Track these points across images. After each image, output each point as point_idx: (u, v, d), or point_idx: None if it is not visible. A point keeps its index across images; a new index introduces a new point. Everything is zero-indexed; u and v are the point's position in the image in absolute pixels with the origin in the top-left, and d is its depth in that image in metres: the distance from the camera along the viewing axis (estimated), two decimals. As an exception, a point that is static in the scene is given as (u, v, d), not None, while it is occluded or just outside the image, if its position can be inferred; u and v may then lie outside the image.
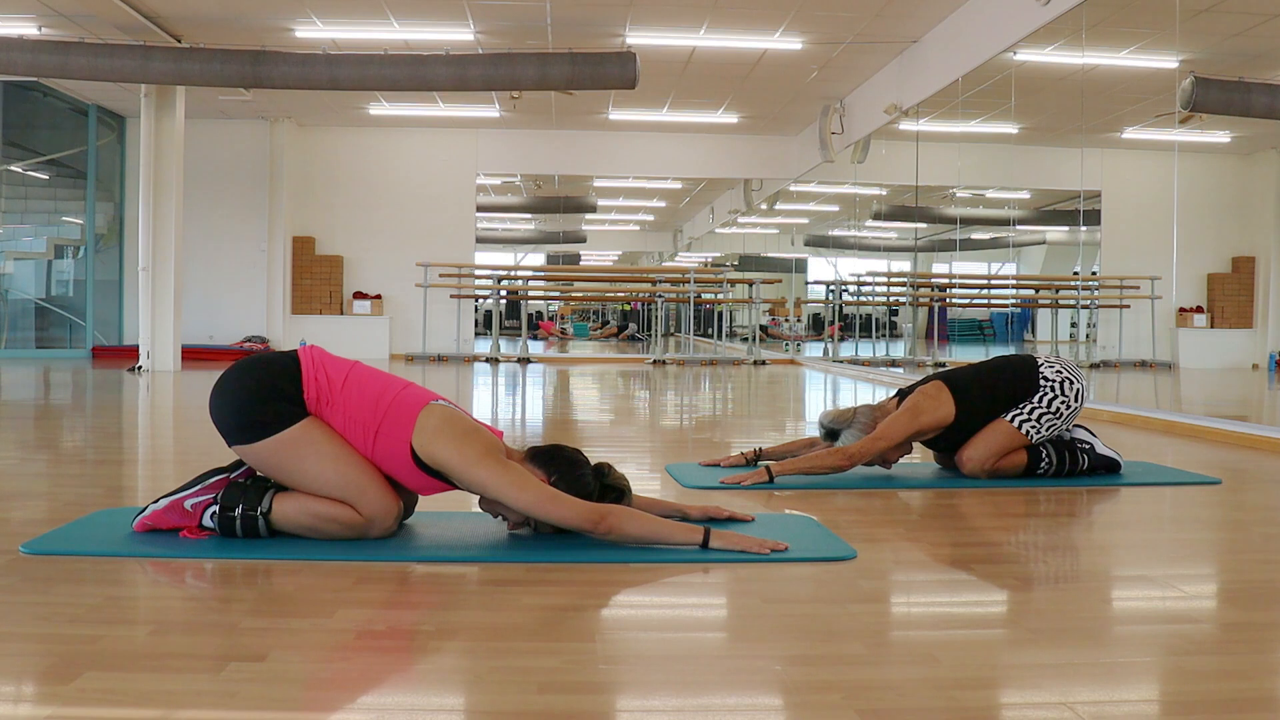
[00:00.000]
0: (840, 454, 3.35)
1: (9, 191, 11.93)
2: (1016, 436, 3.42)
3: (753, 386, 8.59)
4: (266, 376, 2.33)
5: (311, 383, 2.33)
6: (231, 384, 2.35)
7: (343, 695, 1.50)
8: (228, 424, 2.32)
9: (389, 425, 2.31)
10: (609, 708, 1.46)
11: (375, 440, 2.32)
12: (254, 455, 2.32)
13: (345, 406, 2.33)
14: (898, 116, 9.35)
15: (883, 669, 1.63)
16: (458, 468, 2.28)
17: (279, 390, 2.31)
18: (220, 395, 2.35)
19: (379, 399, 2.34)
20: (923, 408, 3.40)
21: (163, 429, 5.34)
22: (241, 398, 2.32)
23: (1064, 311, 10.39)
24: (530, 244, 17.47)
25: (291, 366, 2.35)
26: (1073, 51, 7.65)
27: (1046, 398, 3.43)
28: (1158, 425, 5.38)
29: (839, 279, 13.95)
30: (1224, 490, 3.47)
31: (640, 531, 2.31)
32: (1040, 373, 3.45)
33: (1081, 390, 3.47)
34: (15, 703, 1.43)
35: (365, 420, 2.32)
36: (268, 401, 2.29)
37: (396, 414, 2.32)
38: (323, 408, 2.33)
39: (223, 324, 12.18)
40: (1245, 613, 2.01)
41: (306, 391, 2.32)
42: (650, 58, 8.96)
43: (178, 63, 8.31)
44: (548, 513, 2.28)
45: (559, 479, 2.37)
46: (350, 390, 2.34)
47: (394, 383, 2.39)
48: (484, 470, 2.27)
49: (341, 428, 2.33)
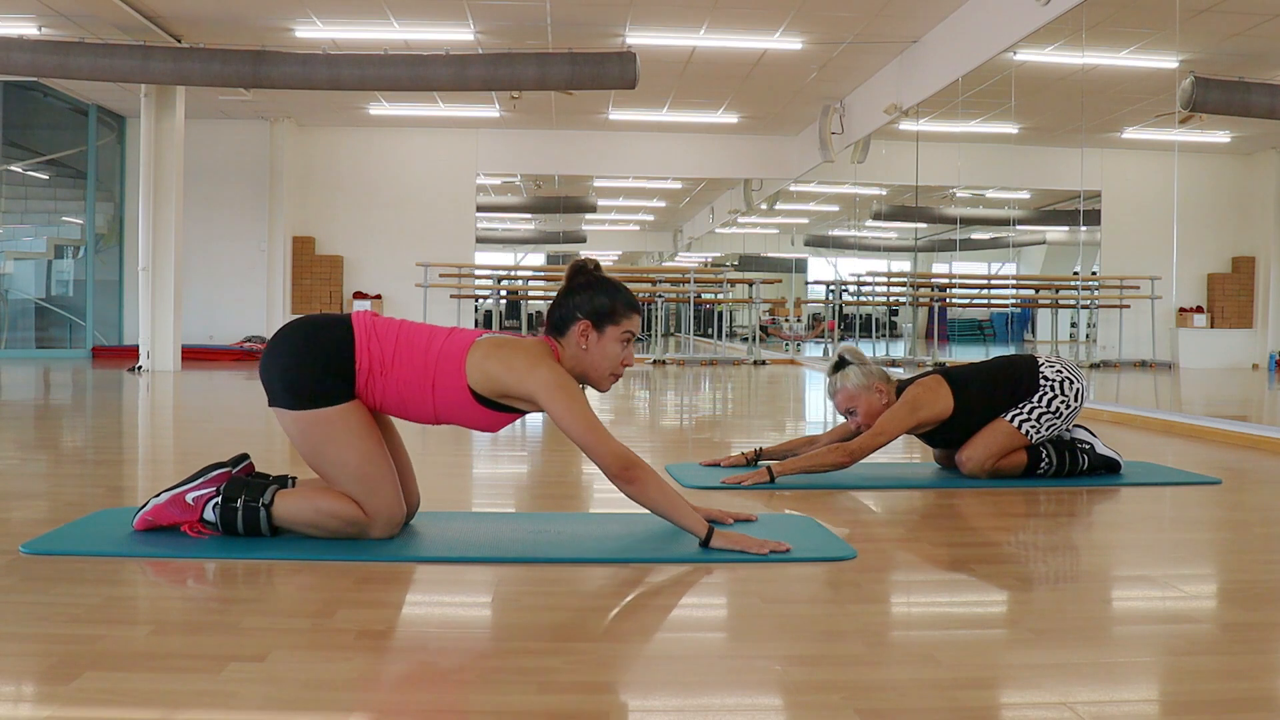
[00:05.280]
0: (841, 451, 3.35)
1: (9, 191, 11.93)
2: (1016, 436, 3.42)
3: (753, 386, 8.59)
4: (320, 347, 2.32)
5: (364, 352, 2.32)
6: (285, 347, 2.34)
7: (343, 695, 1.50)
8: (273, 385, 2.32)
9: (443, 374, 2.32)
10: (609, 708, 1.46)
11: (434, 393, 2.33)
12: (289, 421, 2.32)
13: (399, 370, 2.32)
14: (898, 116, 9.35)
15: (883, 669, 1.63)
16: (513, 384, 2.30)
17: (330, 365, 2.30)
18: (272, 356, 2.34)
19: (427, 352, 2.34)
20: (921, 401, 3.40)
21: (163, 429, 5.34)
22: (292, 363, 2.31)
23: (1064, 311, 10.39)
24: (530, 244, 17.46)
25: (345, 337, 2.33)
26: (1073, 51, 7.65)
27: (1046, 397, 3.43)
28: (1158, 425, 5.38)
29: (839, 279, 13.95)
30: (1224, 490, 3.47)
31: (659, 496, 2.32)
32: (1041, 373, 3.45)
33: (1081, 390, 3.47)
34: (15, 703, 1.43)
35: (420, 377, 2.32)
36: (317, 374, 2.29)
37: (447, 362, 2.32)
38: (374, 377, 2.32)
39: (223, 324, 12.17)
40: (1245, 613, 2.01)
41: (359, 361, 2.31)
42: (650, 58, 8.96)
43: (178, 63, 8.31)
44: (585, 442, 2.30)
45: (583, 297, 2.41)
46: (402, 351, 2.34)
47: (438, 332, 2.39)
48: (535, 380, 2.29)
49: (399, 391, 2.33)
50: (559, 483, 3.59)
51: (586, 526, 2.62)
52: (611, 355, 2.43)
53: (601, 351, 2.42)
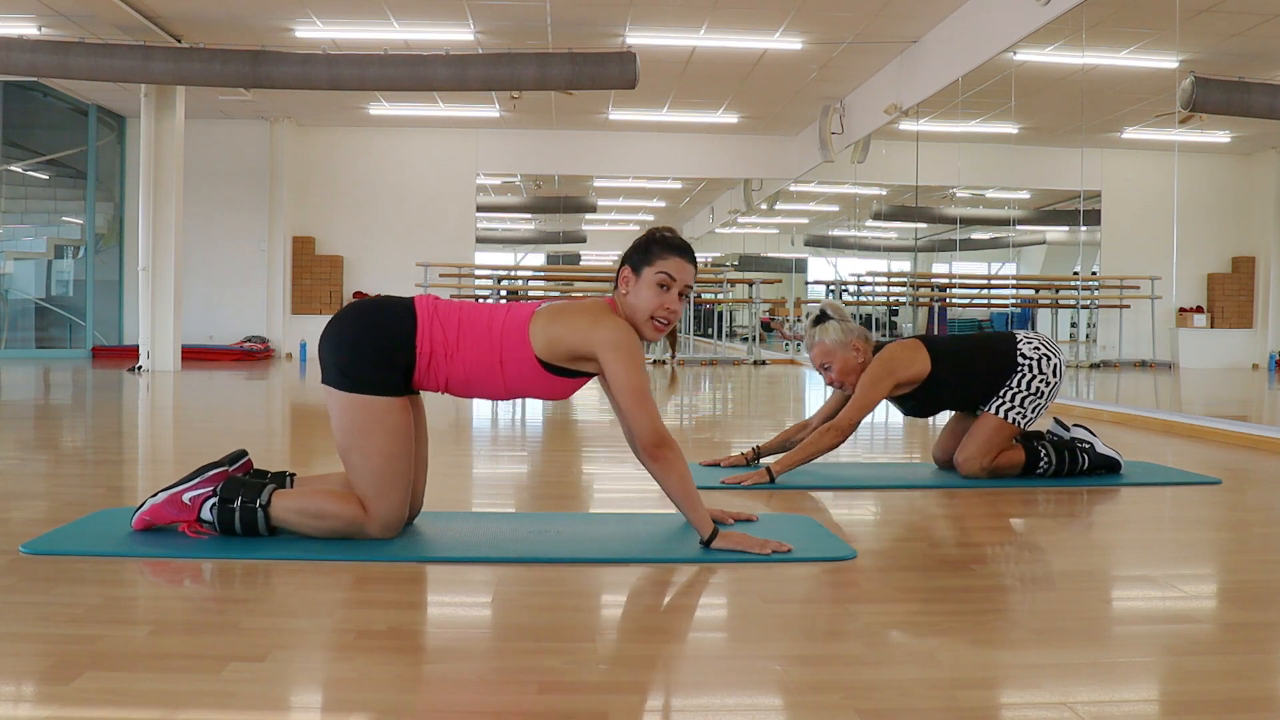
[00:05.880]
0: (833, 431, 3.34)
1: (9, 191, 11.93)
2: (1005, 428, 3.40)
3: (753, 386, 8.59)
4: (381, 332, 2.33)
5: (426, 338, 2.33)
6: (347, 327, 2.36)
7: (343, 695, 1.50)
8: (327, 363, 2.34)
9: (509, 349, 2.34)
10: (609, 708, 1.46)
11: (503, 369, 2.34)
12: (335, 399, 2.33)
13: (465, 351, 2.34)
14: (898, 116, 9.35)
15: (883, 669, 1.63)
16: (579, 343, 2.32)
17: (388, 353, 2.31)
18: (334, 335, 2.36)
19: (490, 330, 2.35)
20: (899, 360, 3.38)
21: (163, 429, 5.34)
22: (350, 345, 2.32)
23: (1064, 311, 10.39)
24: (530, 244, 17.47)
25: (408, 324, 2.34)
26: (1073, 51, 7.65)
27: (1025, 378, 3.41)
28: (1158, 425, 5.38)
29: (839, 279, 13.95)
30: (1224, 490, 3.47)
31: (679, 484, 2.33)
32: (1018, 349, 3.44)
33: (1059, 365, 3.45)
34: (15, 703, 1.43)
35: (487, 356, 2.34)
36: (374, 360, 2.31)
37: (511, 336, 2.34)
38: (437, 361, 2.33)
39: (223, 324, 12.18)
40: (1245, 613, 2.01)
41: (419, 346, 2.32)
42: (650, 58, 8.96)
43: (178, 63, 8.31)
44: (629, 406, 2.31)
45: (631, 247, 2.44)
46: (466, 333, 2.35)
47: (497, 310, 2.41)
48: (598, 337, 2.31)
49: (465, 371, 2.34)
50: (559, 483, 3.59)
51: (586, 526, 2.62)
52: (647, 299, 2.40)
53: (638, 295, 2.41)
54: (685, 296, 2.44)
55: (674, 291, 2.41)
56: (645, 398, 2.31)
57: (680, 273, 2.41)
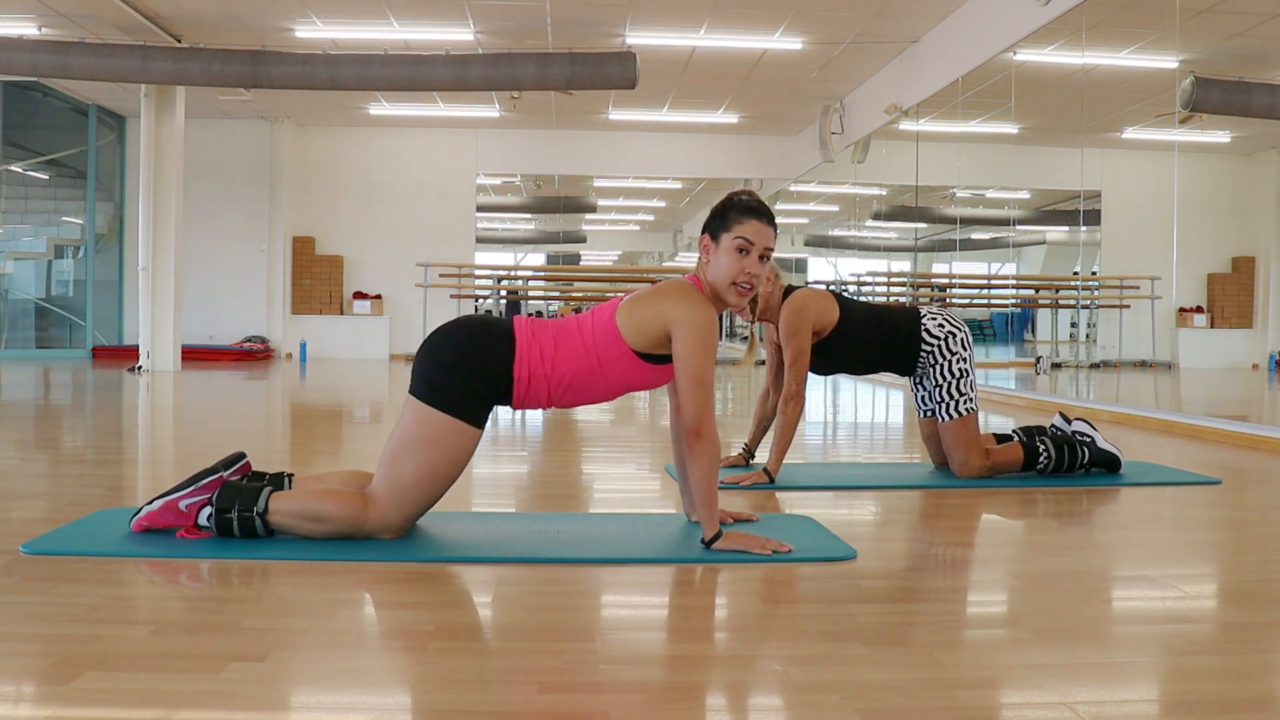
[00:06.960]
0: (792, 402, 3.38)
1: (9, 191, 11.93)
2: (968, 421, 3.42)
3: (753, 386, 8.59)
4: (480, 357, 2.34)
5: (524, 363, 2.34)
6: (448, 344, 2.37)
7: (343, 695, 1.50)
8: (420, 375, 2.36)
9: (604, 350, 2.35)
10: (609, 708, 1.46)
11: (602, 371, 2.35)
12: (413, 409, 2.35)
13: (565, 364, 2.35)
14: (898, 116, 9.35)
15: (883, 669, 1.63)
16: (660, 325, 2.32)
17: (481, 380, 2.33)
18: (431, 351, 2.37)
19: (582, 337, 2.37)
20: (808, 303, 3.41)
21: (163, 429, 5.34)
22: (446, 363, 2.34)
23: (1064, 311, 10.38)
24: (530, 244, 17.45)
25: (506, 352, 2.34)
26: (1073, 51, 7.65)
27: (942, 365, 3.43)
28: (1158, 425, 5.38)
29: (839, 279, 13.95)
30: (1224, 490, 3.47)
31: (703, 476, 2.33)
32: (923, 325, 3.46)
33: (966, 337, 3.48)
34: (15, 703, 1.43)
35: (586, 364, 2.35)
36: (464, 388, 2.32)
37: (602, 335, 2.35)
38: (536, 382, 2.34)
39: (223, 324, 12.18)
40: (1245, 613, 2.01)
41: (517, 372, 2.33)
42: (650, 58, 8.96)
43: (178, 63, 8.31)
44: (686, 386, 2.31)
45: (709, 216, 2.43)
46: (562, 347, 2.36)
47: (584, 317, 2.42)
48: (677, 313, 2.31)
49: (569, 382, 2.35)
50: (559, 483, 3.59)
51: (586, 526, 2.62)
52: (727, 265, 2.38)
53: (718, 263, 2.39)
54: (765, 260, 2.41)
55: (753, 255, 2.38)
56: (704, 385, 2.31)
57: (759, 236, 2.38)
